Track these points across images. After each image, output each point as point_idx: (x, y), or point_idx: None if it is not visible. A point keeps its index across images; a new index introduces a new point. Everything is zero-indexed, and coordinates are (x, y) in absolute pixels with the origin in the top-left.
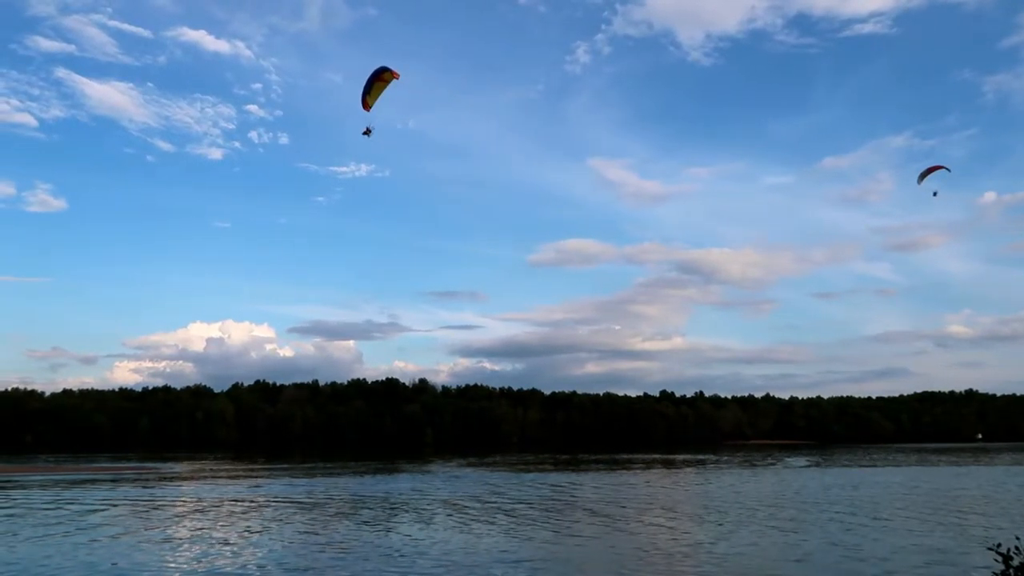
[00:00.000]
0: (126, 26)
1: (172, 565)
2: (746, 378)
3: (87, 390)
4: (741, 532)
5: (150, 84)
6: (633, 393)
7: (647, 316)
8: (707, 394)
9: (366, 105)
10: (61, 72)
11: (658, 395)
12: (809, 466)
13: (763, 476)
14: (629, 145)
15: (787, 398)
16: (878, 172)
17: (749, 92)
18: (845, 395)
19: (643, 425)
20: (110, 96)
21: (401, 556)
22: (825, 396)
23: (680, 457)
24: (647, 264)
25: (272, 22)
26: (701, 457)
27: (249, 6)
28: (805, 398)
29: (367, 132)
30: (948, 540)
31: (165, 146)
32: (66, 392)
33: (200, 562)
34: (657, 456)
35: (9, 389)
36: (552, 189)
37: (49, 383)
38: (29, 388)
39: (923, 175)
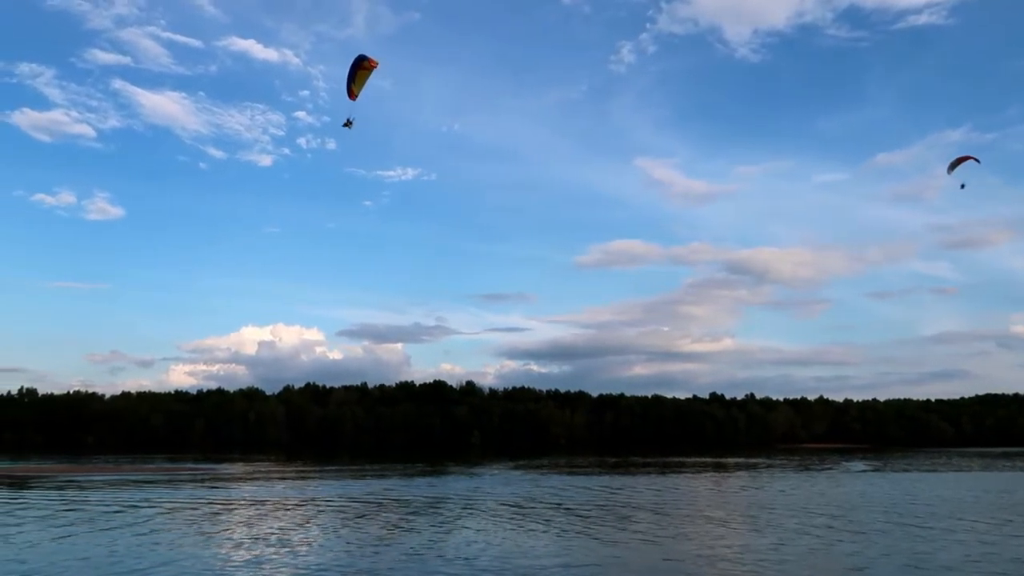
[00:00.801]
0: (178, 37)
1: (226, 564)
2: (798, 380)
3: (144, 392)
4: (798, 539)
5: (202, 93)
6: (682, 395)
7: (696, 317)
8: (758, 396)
9: (352, 94)
10: (117, 83)
11: (707, 397)
12: (867, 470)
13: (819, 480)
14: (675, 144)
15: (841, 400)
16: (934, 168)
17: (798, 88)
18: (902, 397)
19: (692, 428)
20: (164, 106)
21: (452, 559)
22: (881, 398)
23: (731, 460)
24: (696, 264)
25: (319, 30)
26: (753, 460)
27: (297, 15)
28: (860, 400)
29: (348, 124)
30: (1019, 548)
31: (217, 153)
32: (124, 395)
33: (254, 562)
34: (708, 459)
35: (71, 392)
36: (598, 190)
37: (108, 385)
38: (90, 391)
39: (953, 165)
